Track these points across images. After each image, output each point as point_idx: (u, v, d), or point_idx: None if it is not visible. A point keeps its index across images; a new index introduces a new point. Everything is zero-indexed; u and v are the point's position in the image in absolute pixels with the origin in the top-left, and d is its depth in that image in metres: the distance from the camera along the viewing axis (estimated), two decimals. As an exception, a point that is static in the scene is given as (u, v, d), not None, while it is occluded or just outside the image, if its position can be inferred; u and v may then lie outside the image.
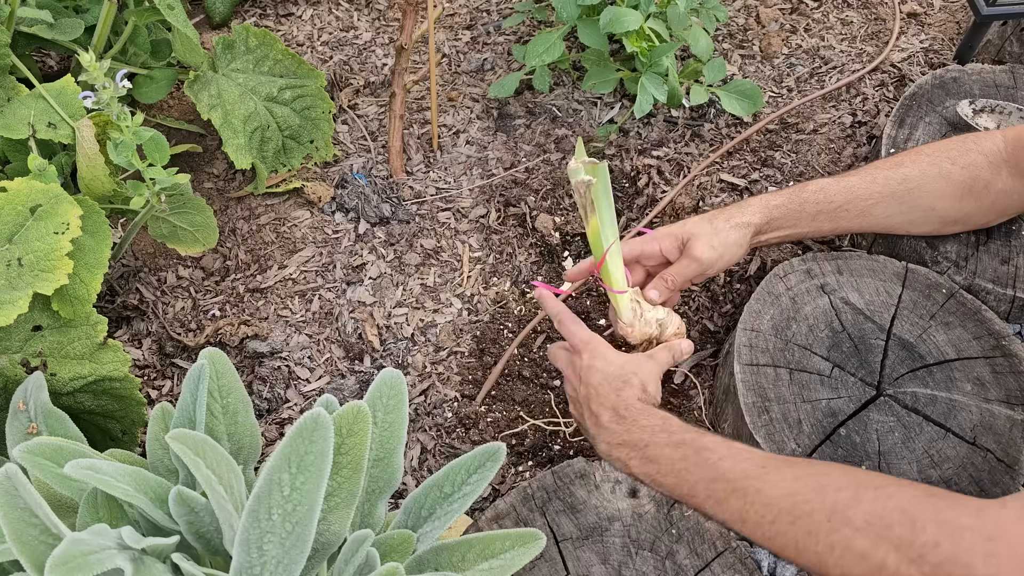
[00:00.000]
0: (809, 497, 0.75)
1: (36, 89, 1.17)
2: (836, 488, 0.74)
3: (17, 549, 0.67)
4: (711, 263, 1.04)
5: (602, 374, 0.93)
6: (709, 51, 1.52)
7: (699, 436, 0.86)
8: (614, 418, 0.90)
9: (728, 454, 0.83)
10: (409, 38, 1.34)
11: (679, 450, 0.85)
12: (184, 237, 1.27)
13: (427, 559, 0.84)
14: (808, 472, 0.78)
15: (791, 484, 0.77)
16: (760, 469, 0.80)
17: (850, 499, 0.73)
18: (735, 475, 0.80)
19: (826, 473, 0.77)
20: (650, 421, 0.89)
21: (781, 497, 0.76)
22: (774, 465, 0.80)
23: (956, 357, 1.05)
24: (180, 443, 0.68)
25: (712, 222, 1.06)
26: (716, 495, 0.81)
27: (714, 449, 0.84)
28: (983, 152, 1.07)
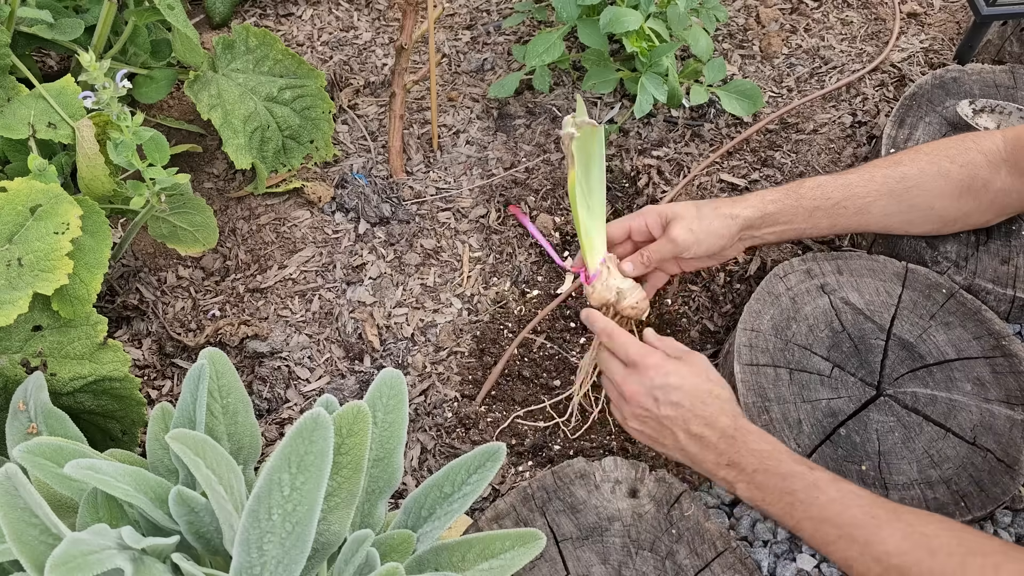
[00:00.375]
0: (918, 559, 0.76)
1: (36, 89, 1.17)
2: (946, 553, 0.76)
3: (17, 549, 0.67)
4: (687, 246, 1.03)
5: (687, 390, 0.91)
6: (709, 51, 1.52)
7: (809, 471, 0.85)
8: (723, 438, 0.88)
9: (837, 496, 0.82)
10: (409, 38, 1.34)
11: (788, 482, 0.84)
12: (184, 237, 1.27)
13: (427, 559, 0.84)
14: (918, 530, 0.78)
15: (900, 542, 0.78)
16: (870, 519, 0.80)
17: (957, 567, 0.74)
18: (844, 521, 0.81)
19: (936, 535, 0.78)
20: (760, 446, 0.87)
21: (891, 554, 0.78)
22: (884, 517, 0.80)
23: (956, 357, 1.05)
24: (180, 443, 0.68)
25: (700, 208, 1.06)
26: (823, 536, 0.82)
27: (824, 489, 0.83)
28: (982, 151, 1.07)
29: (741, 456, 0.87)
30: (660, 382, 0.91)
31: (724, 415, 0.89)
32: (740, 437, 0.88)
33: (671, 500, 0.95)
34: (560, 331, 1.31)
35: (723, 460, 0.88)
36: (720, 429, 0.89)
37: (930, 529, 0.78)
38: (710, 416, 0.89)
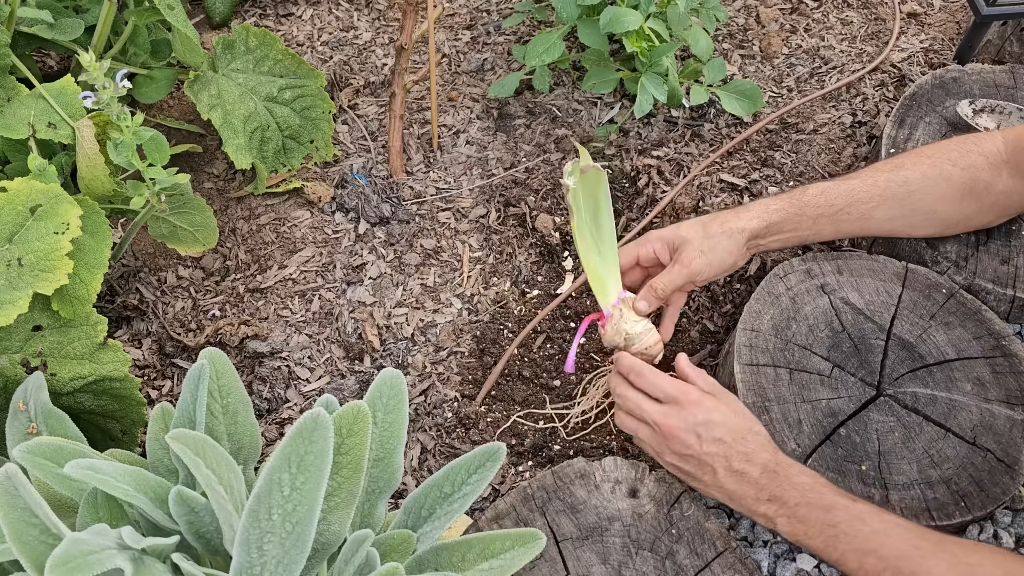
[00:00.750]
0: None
1: (36, 89, 1.17)
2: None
3: (17, 549, 0.67)
4: (700, 271, 1.03)
5: (729, 427, 0.90)
6: (709, 51, 1.52)
7: (851, 503, 0.85)
8: (765, 474, 0.88)
9: (881, 528, 0.83)
10: (409, 38, 1.34)
11: (830, 515, 0.85)
12: (184, 237, 1.27)
13: (427, 559, 0.84)
14: (963, 560, 0.79)
15: (945, 573, 0.78)
16: (915, 551, 0.80)
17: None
18: (887, 553, 0.81)
19: (981, 564, 0.78)
20: (802, 480, 0.87)
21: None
22: (929, 548, 0.80)
23: (956, 357, 1.05)
24: (180, 443, 0.68)
25: (706, 227, 1.05)
26: (868, 568, 0.82)
27: (866, 520, 0.83)
28: (983, 153, 1.07)
29: (783, 490, 0.87)
30: (703, 419, 0.90)
31: (765, 451, 0.90)
32: (782, 472, 0.88)
33: (671, 500, 0.95)
34: (560, 331, 1.31)
35: (763, 495, 0.88)
36: (762, 464, 0.89)
37: (975, 559, 0.79)
38: (751, 452, 0.89)
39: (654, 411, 0.94)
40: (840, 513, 0.84)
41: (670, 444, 0.92)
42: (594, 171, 0.97)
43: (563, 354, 1.28)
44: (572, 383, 1.24)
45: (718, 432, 0.90)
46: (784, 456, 0.90)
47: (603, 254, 1.01)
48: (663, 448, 0.94)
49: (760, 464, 0.89)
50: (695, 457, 0.91)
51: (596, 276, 1.01)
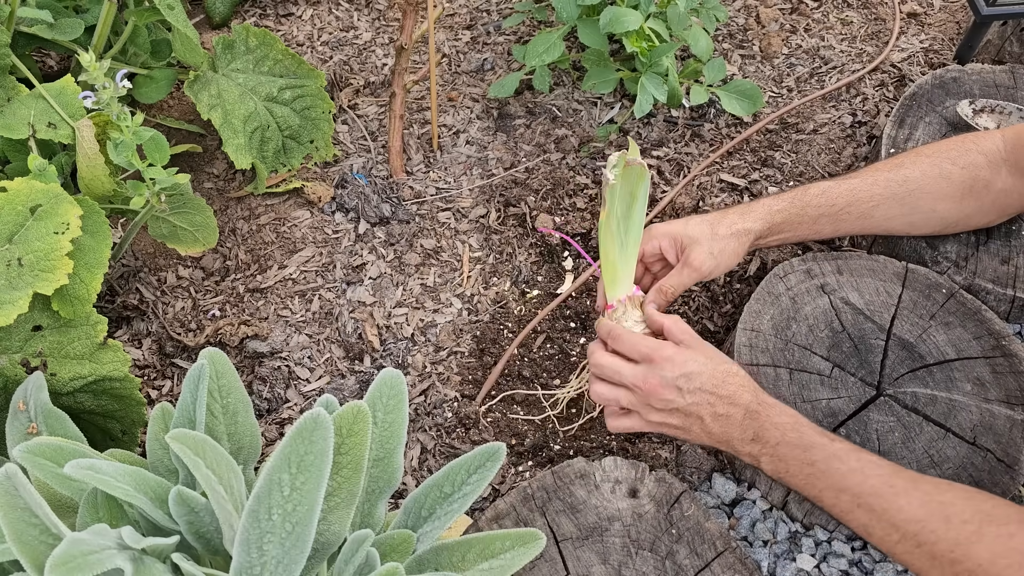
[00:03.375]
0: (935, 527, 0.78)
1: (36, 89, 1.17)
2: (961, 521, 0.77)
3: (17, 549, 0.67)
4: (709, 272, 1.04)
5: (708, 375, 0.91)
6: (709, 51, 1.52)
7: (829, 443, 0.87)
8: (748, 415, 0.90)
9: (857, 467, 0.84)
10: (409, 38, 1.34)
11: (808, 454, 0.86)
12: (184, 237, 1.27)
13: (427, 559, 0.84)
14: (935, 499, 0.80)
15: (917, 509, 0.80)
16: (888, 488, 0.82)
17: (973, 534, 0.76)
18: (862, 491, 0.83)
19: (952, 503, 0.79)
20: (782, 419, 0.89)
21: (908, 522, 0.80)
22: (902, 486, 0.82)
23: (956, 357, 1.05)
24: (180, 443, 0.68)
25: (714, 227, 1.05)
26: (842, 505, 0.84)
27: (843, 459, 0.85)
28: (983, 152, 1.07)
29: (765, 430, 0.89)
30: (681, 371, 0.91)
31: (746, 391, 0.91)
32: (763, 411, 0.90)
33: (671, 500, 0.95)
34: (560, 331, 1.31)
35: (747, 435, 0.90)
36: (744, 406, 0.90)
37: (947, 497, 0.80)
38: (733, 395, 0.91)
39: (632, 373, 0.94)
40: (818, 452, 0.86)
41: (653, 403, 0.93)
42: (638, 167, 0.97)
43: (563, 354, 1.28)
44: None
45: (698, 381, 0.91)
46: (765, 396, 0.92)
47: (624, 249, 1.00)
48: (647, 408, 0.94)
49: (743, 406, 0.90)
50: (680, 410, 0.92)
51: (612, 269, 1.00)
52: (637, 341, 0.94)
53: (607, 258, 1.00)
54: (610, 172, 0.96)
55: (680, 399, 0.91)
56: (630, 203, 0.99)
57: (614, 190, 0.97)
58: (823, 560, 1.03)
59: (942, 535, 0.77)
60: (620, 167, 0.96)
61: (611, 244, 0.99)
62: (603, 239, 1.00)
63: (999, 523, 0.76)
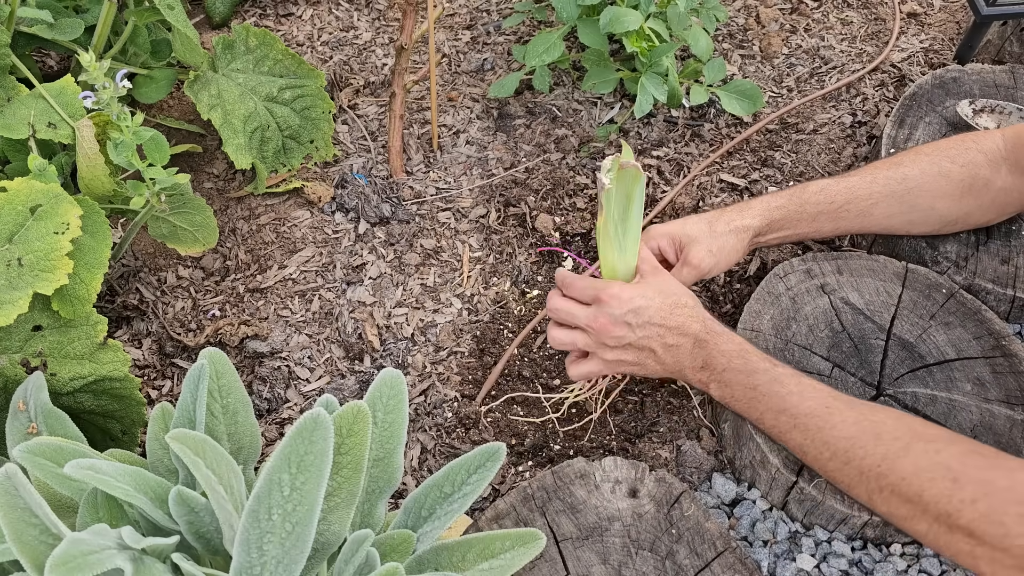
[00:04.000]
0: (864, 443, 0.81)
1: (36, 89, 1.17)
2: (892, 438, 0.80)
3: (17, 549, 0.67)
4: (709, 269, 1.05)
5: (656, 308, 0.94)
6: (709, 51, 1.52)
7: (772, 367, 0.90)
8: (696, 344, 0.93)
9: (796, 390, 0.87)
10: (409, 38, 1.34)
11: (751, 378, 0.90)
12: (184, 237, 1.27)
13: (427, 559, 0.84)
14: (867, 418, 0.83)
15: (850, 428, 0.83)
16: (824, 409, 0.85)
17: (901, 449, 0.79)
18: (800, 411, 0.86)
19: (883, 422, 0.82)
20: (729, 346, 0.92)
21: (839, 439, 0.83)
22: (837, 407, 0.85)
23: (956, 357, 1.05)
24: (180, 443, 0.68)
25: (712, 225, 1.05)
26: (780, 426, 0.88)
27: (784, 383, 0.88)
28: (982, 150, 1.07)
29: (712, 357, 0.92)
30: (629, 307, 0.94)
31: (694, 321, 0.94)
32: (711, 340, 0.93)
33: (671, 500, 0.95)
34: (560, 331, 1.31)
35: (697, 363, 0.94)
36: (693, 335, 0.93)
37: (879, 417, 0.83)
38: (681, 325, 0.94)
39: (584, 314, 0.97)
40: (760, 376, 0.89)
41: (606, 341, 0.96)
42: (633, 169, 0.97)
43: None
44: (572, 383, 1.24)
45: (646, 315, 0.94)
46: (714, 324, 0.95)
47: (623, 253, 1.01)
48: (601, 347, 0.97)
49: (691, 335, 0.94)
50: (632, 345, 0.95)
51: (612, 274, 1.01)
52: (586, 284, 0.97)
53: (607, 263, 1.01)
54: (604, 176, 0.96)
55: (631, 334, 0.94)
56: (626, 206, 0.99)
57: (610, 194, 0.97)
58: (823, 560, 1.03)
59: (871, 451, 0.80)
60: (615, 171, 0.96)
61: (609, 248, 1.00)
62: (601, 243, 1.00)
63: (927, 440, 0.79)
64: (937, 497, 0.75)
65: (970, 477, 0.74)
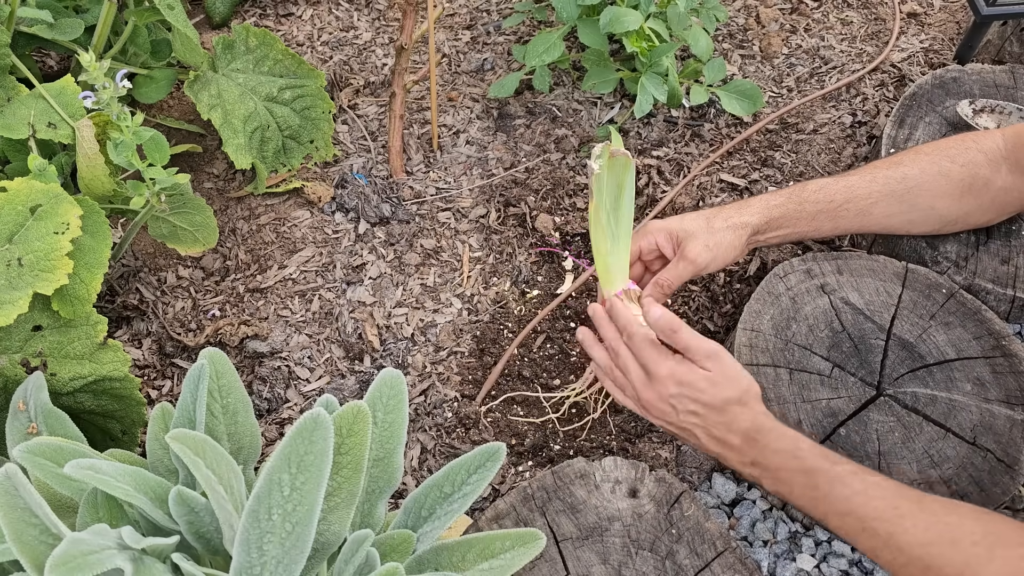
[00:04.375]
0: (942, 551, 0.76)
1: (36, 89, 1.17)
2: (970, 543, 0.75)
3: (17, 549, 0.67)
4: (705, 264, 1.03)
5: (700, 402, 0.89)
6: (709, 51, 1.52)
7: (831, 465, 0.85)
8: (745, 441, 0.89)
9: (861, 489, 0.82)
10: (409, 38, 1.34)
11: (810, 478, 0.85)
12: (184, 237, 1.27)
13: (427, 559, 0.84)
14: (942, 520, 0.78)
15: (924, 533, 0.78)
16: (893, 511, 0.80)
17: (984, 556, 0.74)
18: (866, 514, 0.81)
19: (959, 524, 0.77)
20: (782, 445, 0.87)
21: (914, 545, 0.78)
22: (906, 508, 0.80)
23: (956, 357, 1.05)
24: (180, 443, 0.68)
25: (710, 221, 1.05)
26: (847, 528, 0.83)
27: (847, 483, 0.83)
28: (982, 150, 1.07)
29: (764, 457, 0.88)
30: (675, 392, 0.90)
31: (744, 420, 0.89)
32: (762, 439, 0.88)
33: (671, 500, 0.95)
34: (560, 331, 1.31)
35: (747, 460, 0.89)
36: (741, 433, 0.89)
37: (954, 518, 0.78)
38: (729, 423, 0.89)
39: (635, 379, 0.94)
40: (820, 476, 0.85)
41: (650, 412, 0.94)
42: (623, 157, 0.96)
43: (563, 354, 1.28)
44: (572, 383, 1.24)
45: (692, 406, 0.90)
46: (765, 421, 0.89)
47: (616, 242, 1.00)
48: (646, 412, 0.95)
49: (740, 433, 0.89)
50: (675, 425, 0.93)
51: (605, 263, 1.00)
52: (643, 348, 0.93)
53: (599, 253, 1.00)
54: (595, 163, 0.96)
55: (674, 416, 0.91)
56: (618, 195, 0.98)
57: (600, 180, 0.96)
58: (823, 560, 1.03)
59: (950, 558, 0.75)
60: (605, 158, 0.96)
61: (602, 238, 0.99)
62: (594, 233, 0.99)
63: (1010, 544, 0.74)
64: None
65: None
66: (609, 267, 1.00)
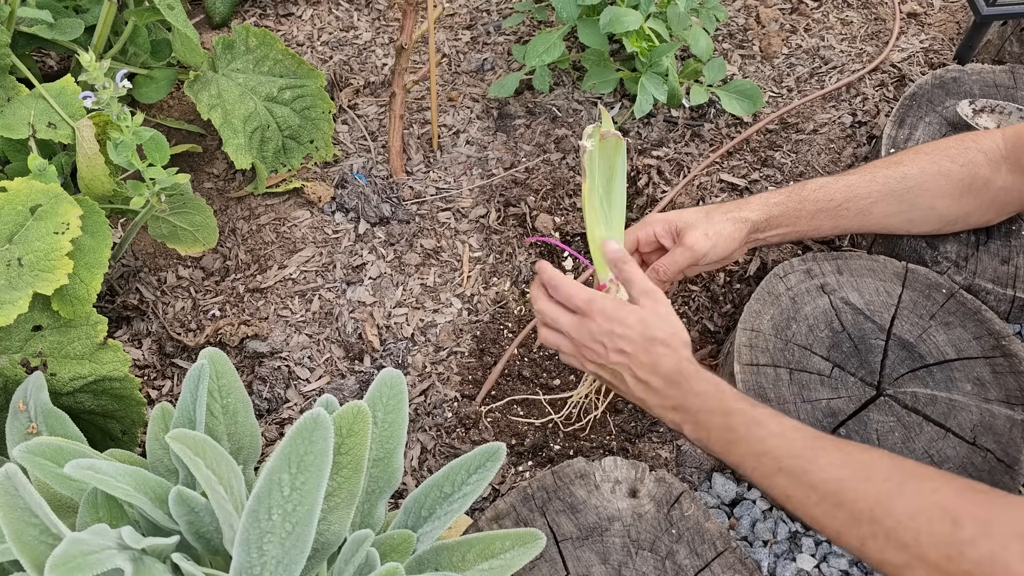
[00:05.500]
0: (855, 485, 0.76)
1: (36, 89, 1.17)
2: (882, 479, 0.75)
3: (17, 549, 0.67)
4: (704, 252, 1.02)
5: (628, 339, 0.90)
6: (709, 51, 1.52)
7: (751, 407, 0.85)
8: (667, 384, 0.89)
9: (778, 431, 0.82)
10: (409, 38, 1.34)
11: (729, 419, 0.85)
12: (184, 237, 1.27)
13: (427, 559, 0.84)
14: (856, 459, 0.78)
15: (838, 470, 0.77)
16: (809, 450, 0.80)
17: (894, 490, 0.74)
18: (782, 453, 0.81)
19: (873, 462, 0.77)
20: (703, 387, 0.88)
21: (827, 481, 0.77)
22: (822, 447, 0.80)
23: (956, 357, 1.05)
24: (180, 443, 0.68)
25: (709, 213, 1.05)
26: (762, 470, 0.82)
27: (764, 424, 0.83)
28: (982, 150, 1.07)
29: (686, 399, 0.88)
30: (606, 328, 0.91)
31: (668, 360, 0.89)
32: (684, 381, 0.88)
33: (671, 500, 0.95)
34: (560, 331, 1.31)
35: (668, 404, 0.90)
36: (663, 375, 0.89)
37: (869, 456, 0.78)
38: (653, 363, 0.89)
39: (567, 323, 0.95)
40: (738, 418, 0.84)
41: (584, 353, 0.94)
42: (614, 138, 0.96)
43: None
44: (572, 384, 1.25)
45: (620, 343, 0.90)
46: (688, 365, 0.89)
47: (610, 225, 1.00)
48: (581, 358, 0.95)
49: (663, 375, 0.89)
50: (606, 366, 0.93)
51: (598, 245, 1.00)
52: (573, 292, 0.94)
53: (594, 237, 1.00)
54: (587, 141, 0.96)
55: (604, 356, 0.92)
56: (610, 177, 0.98)
57: (592, 161, 0.96)
58: (823, 560, 1.03)
59: (862, 493, 0.75)
60: (596, 138, 0.96)
61: (596, 222, 0.99)
62: (588, 217, 1.00)
63: (921, 479, 0.74)
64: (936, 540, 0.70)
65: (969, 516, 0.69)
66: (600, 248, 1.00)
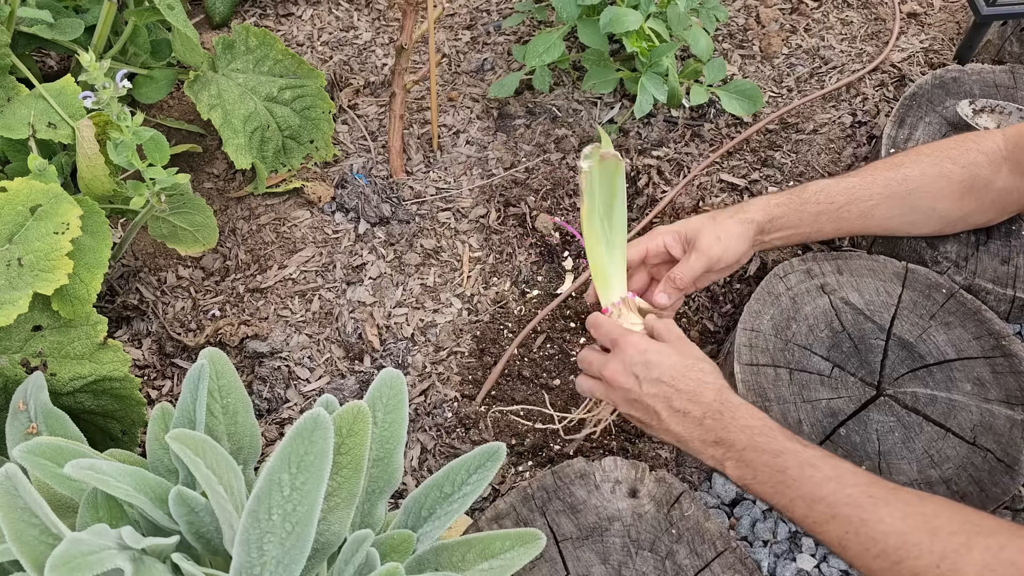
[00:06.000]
0: (918, 540, 0.72)
1: (36, 89, 1.17)
2: (948, 532, 0.72)
3: (17, 549, 0.67)
4: (718, 256, 1.01)
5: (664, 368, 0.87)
6: (709, 51, 1.52)
7: (802, 448, 0.80)
8: (709, 415, 0.84)
9: (833, 475, 0.78)
10: (409, 38, 1.34)
11: (779, 459, 0.80)
12: (184, 237, 1.27)
13: (427, 559, 0.84)
14: (918, 510, 0.74)
15: (899, 522, 0.74)
16: (867, 498, 0.76)
17: (961, 546, 0.71)
18: (839, 500, 0.77)
19: (936, 514, 0.74)
20: (749, 422, 0.83)
21: (888, 535, 0.74)
22: (882, 496, 0.76)
23: (956, 357, 1.05)
24: (180, 443, 0.68)
25: (714, 218, 1.05)
26: (815, 516, 0.78)
27: (818, 466, 0.79)
28: (983, 151, 1.07)
29: (729, 432, 0.83)
30: (640, 359, 0.88)
31: (708, 390, 0.85)
32: (727, 412, 0.84)
33: (671, 500, 0.95)
34: (560, 331, 1.31)
35: (710, 437, 0.84)
36: (705, 404, 0.85)
37: (930, 509, 0.74)
38: (693, 391, 0.85)
39: (598, 361, 0.92)
40: (790, 458, 0.80)
41: (616, 392, 0.90)
42: (613, 159, 0.96)
43: (563, 354, 1.28)
44: (572, 383, 1.25)
45: (655, 372, 0.87)
46: (732, 395, 0.85)
47: (611, 247, 0.98)
48: (614, 398, 0.92)
49: (703, 404, 0.84)
50: (638, 401, 0.88)
51: (601, 269, 0.98)
52: (610, 328, 0.93)
53: (595, 261, 0.98)
54: (584, 162, 0.95)
55: (637, 388, 0.88)
56: (610, 199, 0.97)
57: (592, 182, 0.95)
58: (823, 560, 1.03)
59: (926, 549, 0.71)
60: (595, 158, 0.95)
61: (597, 245, 0.97)
62: (588, 240, 0.98)
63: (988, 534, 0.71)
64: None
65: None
66: (607, 276, 0.98)
